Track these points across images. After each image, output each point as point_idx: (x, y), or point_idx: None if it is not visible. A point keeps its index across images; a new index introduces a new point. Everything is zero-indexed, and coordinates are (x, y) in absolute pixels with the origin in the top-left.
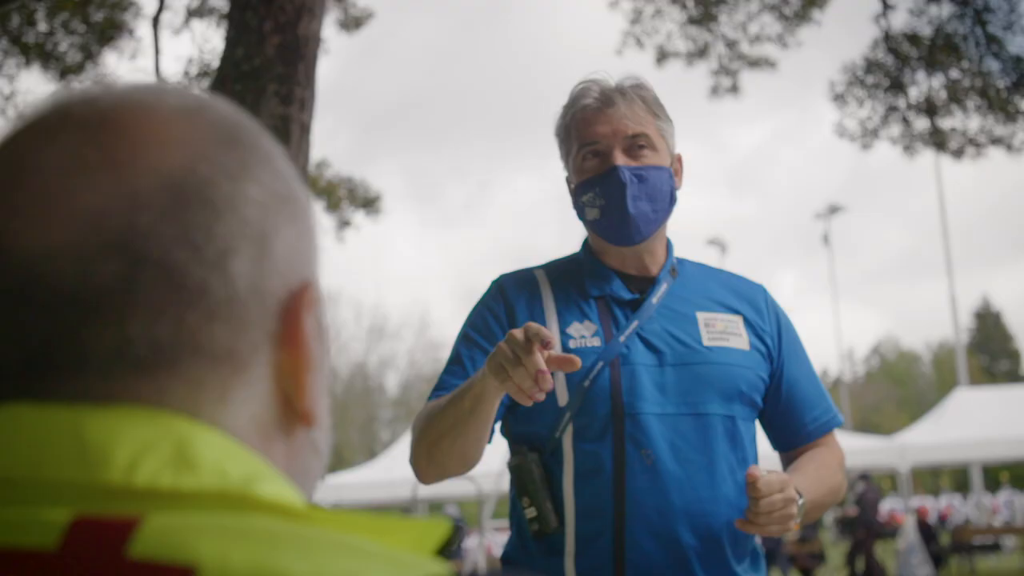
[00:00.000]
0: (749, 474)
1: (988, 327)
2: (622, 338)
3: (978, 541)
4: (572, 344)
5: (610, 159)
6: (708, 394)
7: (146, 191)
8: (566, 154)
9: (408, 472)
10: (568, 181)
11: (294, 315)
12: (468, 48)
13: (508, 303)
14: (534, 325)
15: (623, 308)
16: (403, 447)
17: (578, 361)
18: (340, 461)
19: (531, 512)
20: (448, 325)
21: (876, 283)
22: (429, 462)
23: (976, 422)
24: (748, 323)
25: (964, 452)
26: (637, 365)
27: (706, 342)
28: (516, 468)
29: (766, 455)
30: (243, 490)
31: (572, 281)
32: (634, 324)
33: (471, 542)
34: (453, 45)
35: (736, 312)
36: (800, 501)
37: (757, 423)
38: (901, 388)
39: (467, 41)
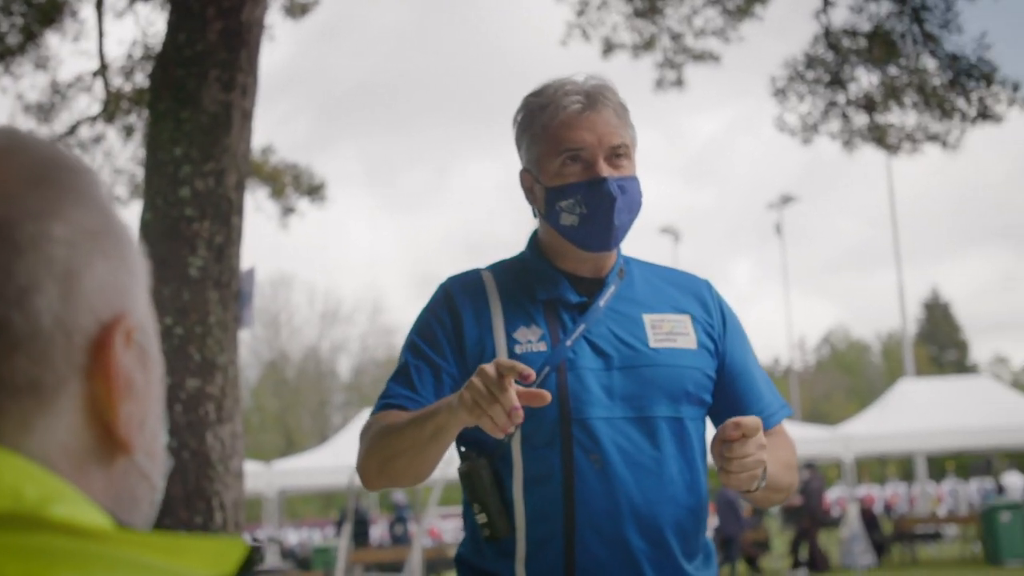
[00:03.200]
0: (726, 424)
1: (937, 318)
2: (569, 342)
3: (920, 530)
4: (518, 350)
5: (595, 168)
6: (655, 397)
7: None
8: (538, 153)
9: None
10: (529, 175)
11: (104, 347)
12: (427, 34)
13: (455, 310)
14: (507, 361)
15: (570, 312)
16: (355, 432)
17: (548, 396)
18: (292, 446)
19: (482, 518)
20: (402, 310)
21: (828, 273)
22: (380, 474)
23: (920, 412)
24: (696, 321)
25: (907, 442)
26: (584, 369)
27: (652, 344)
28: (466, 475)
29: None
30: (36, 511)
31: (519, 284)
32: (581, 328)
33: (415, 527)
34: (412, 31)
35: (684, 311)
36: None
37: (709, 420)
38: (851, 377)
39: (426, 27)
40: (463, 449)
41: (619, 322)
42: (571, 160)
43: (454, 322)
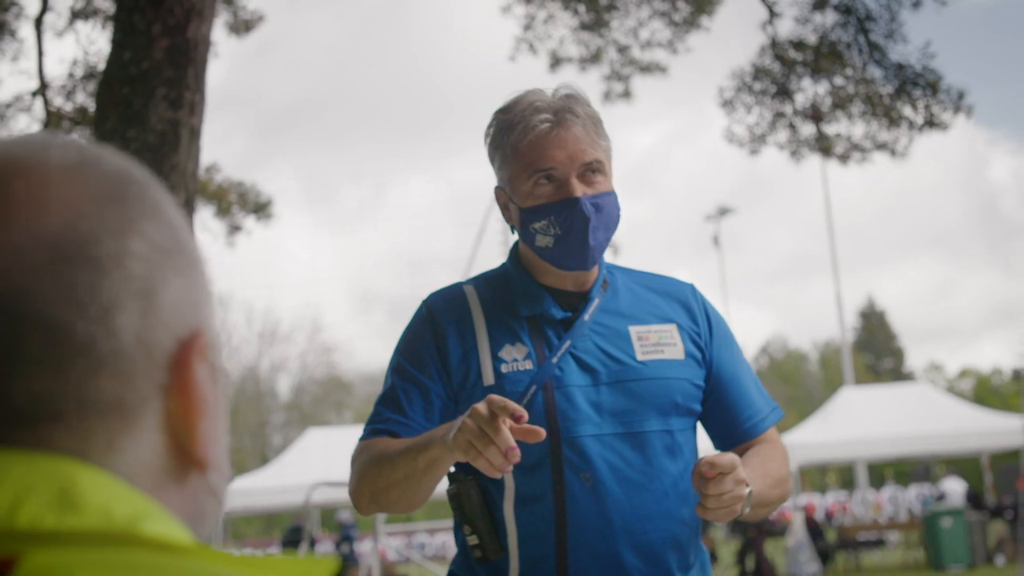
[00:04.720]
0: (701, 461)
1: (873, 326)
2: (555, 359)
3: (863, 537)
4: (504, 368)
5: (568, 187)
6: (644, 411)
7: (24, 250)
8: (510, 173)
9: (301, 478)
10: (503, 193)
11: (183, 365)
12: (364, 51)
13: (437, 328)
14: (498, 399)
15: (555, 327)
16: (295, 453)
17: (543, 432)
18: (232, 467)
19: (473, 540)
20: (341, 328)
21: (766, 283)
22: (372, 501)
23: (861, 420)
24: (682, 329)
25: (850, 450)
26: (571, 387)
27: (639, 357)
28: (455, 496)
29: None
30: (128, 528)
31: (502, 300)
32: (566, 344)
33: (364, 547)
34: (349, 47)
35: (670, 320)
36: (748, 490)
37: (700, 426)
38: (789, 387)
39: (363, 44)
40: (452, 470)
41: (605, 336)
42: (543, 180)
43: (437, 341)
